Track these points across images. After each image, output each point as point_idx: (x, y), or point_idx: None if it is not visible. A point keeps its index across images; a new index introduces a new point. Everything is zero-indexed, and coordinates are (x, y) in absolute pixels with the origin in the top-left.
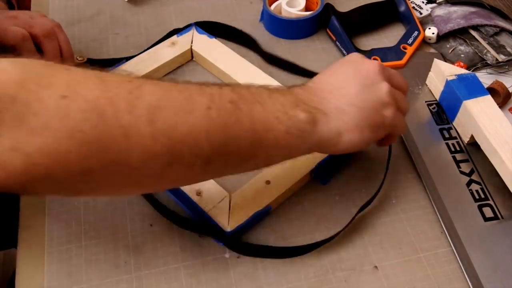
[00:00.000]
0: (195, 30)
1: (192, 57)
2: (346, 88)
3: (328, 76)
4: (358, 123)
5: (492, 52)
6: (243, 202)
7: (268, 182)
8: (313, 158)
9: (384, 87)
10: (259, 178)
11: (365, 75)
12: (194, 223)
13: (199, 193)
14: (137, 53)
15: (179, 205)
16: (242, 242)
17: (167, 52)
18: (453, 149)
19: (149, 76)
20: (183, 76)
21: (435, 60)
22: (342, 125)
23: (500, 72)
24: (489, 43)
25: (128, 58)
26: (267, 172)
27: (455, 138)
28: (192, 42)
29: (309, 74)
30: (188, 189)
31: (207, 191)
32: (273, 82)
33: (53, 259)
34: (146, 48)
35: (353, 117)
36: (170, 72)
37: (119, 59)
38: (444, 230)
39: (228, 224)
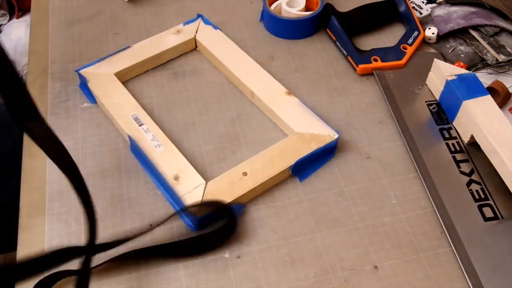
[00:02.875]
0: (201, 20)
1: (196, 46)
2: None
3: None
4: None
5: (492, 52)
6: (217, 191)
7: (245, 174)
8: (294, 155)
9: None
10: (237, 169)
11: None
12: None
13: (176, 178)
14: None
15: (159, 189)
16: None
17: (171, 39)
18: (453, 149)
19: (151, 62)
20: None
21: (435, 60)
22: None
23: (500, 72)
24: (489, 43)
25: None
26: (246, 165)
27: (455, 138)
28: (196, 32)
29: None
30: (167, 173)
31: (185, 177)
32: (271, 79)
33: None
34: None
35: None
36: (172, 59)
37: None
38: (444, 230)
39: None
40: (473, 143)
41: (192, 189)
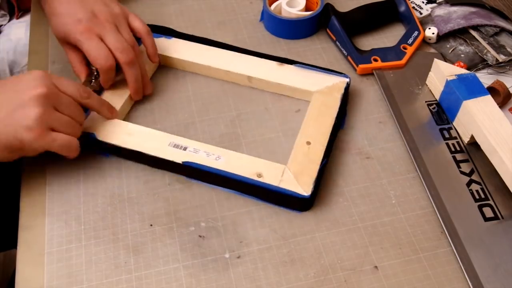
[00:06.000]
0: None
1: (160, 63)
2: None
3: None
4: None
5: (492, 52)
6: (300, 167)
7: (308, 143)
8: (331, 109)
9: (31, 112)
10: (299, 143)
11: (19, 96)
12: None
13: (259, 176)
14: None
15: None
16: None
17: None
18: (453, 149)
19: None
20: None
21: (435, 60)
22: None
23: (501, 72)
24: (489, 43)
25: None
26: (303, 135)
27: (455, 138)
28: None
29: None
30: (249, 175)
31: (265, 172)
32: (258, 59)
33: (53, 259)
34: None
35: None
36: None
37: None
38: (444, 230)
39: (304, 189)
40: (473, 143)
41: (281, 177)
